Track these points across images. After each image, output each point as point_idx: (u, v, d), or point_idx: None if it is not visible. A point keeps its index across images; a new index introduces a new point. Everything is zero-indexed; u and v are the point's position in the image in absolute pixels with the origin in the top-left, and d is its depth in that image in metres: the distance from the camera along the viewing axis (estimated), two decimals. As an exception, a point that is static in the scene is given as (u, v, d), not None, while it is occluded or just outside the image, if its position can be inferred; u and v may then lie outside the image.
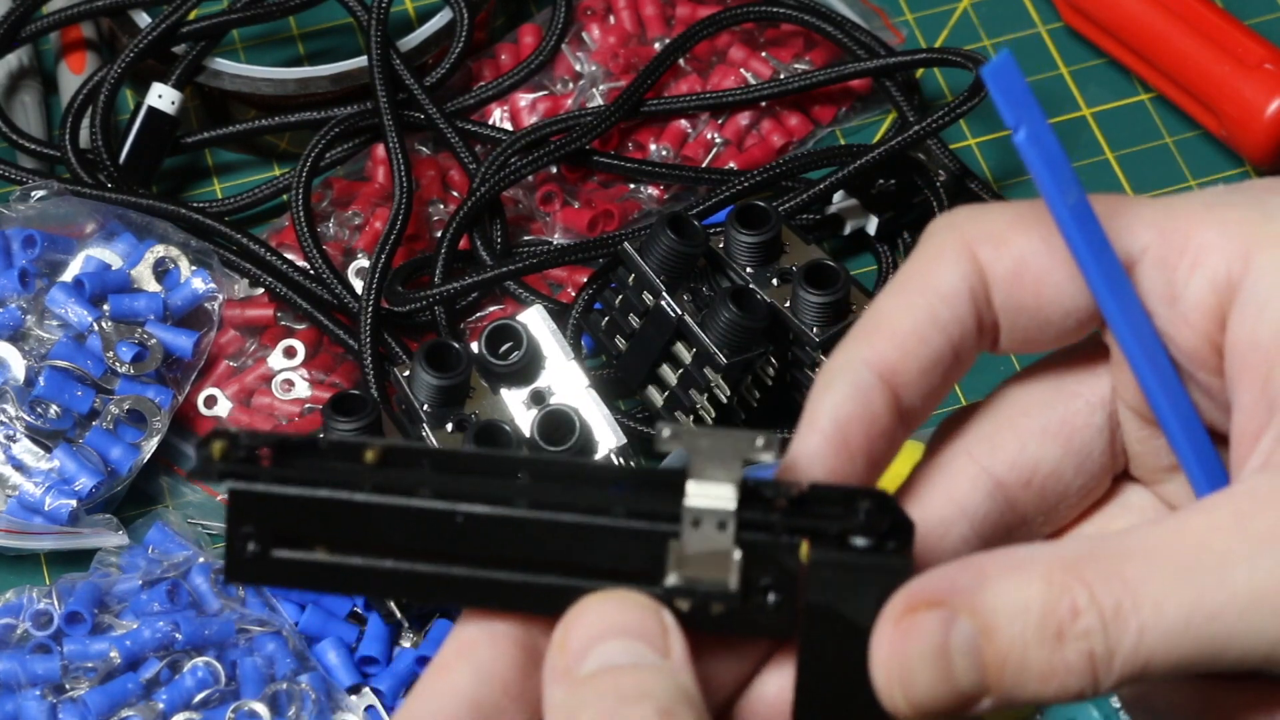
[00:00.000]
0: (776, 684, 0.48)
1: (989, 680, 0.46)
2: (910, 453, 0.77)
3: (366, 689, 0.84)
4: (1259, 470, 0.47)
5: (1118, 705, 0.73)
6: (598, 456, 0.85)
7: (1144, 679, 0.45)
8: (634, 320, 0.88)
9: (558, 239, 0.97)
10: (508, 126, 1.00)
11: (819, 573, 0.47)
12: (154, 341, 0.89)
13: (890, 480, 0.76)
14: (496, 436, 0.83)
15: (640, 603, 0.47)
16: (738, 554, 0.47)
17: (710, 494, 0.47)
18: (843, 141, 1.01)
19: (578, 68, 1.02)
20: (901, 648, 0.46)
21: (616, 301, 0.89)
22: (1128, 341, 0.48)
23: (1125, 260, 0.49)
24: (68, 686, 0.82)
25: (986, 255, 0.49)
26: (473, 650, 0.48)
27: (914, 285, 0.50)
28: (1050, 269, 0.49)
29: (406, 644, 0.85)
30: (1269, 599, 0.44)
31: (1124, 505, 0.52)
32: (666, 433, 0.47)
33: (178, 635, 0.82)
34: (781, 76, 1.01)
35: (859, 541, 0.47)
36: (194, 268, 0.92)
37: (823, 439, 0.49)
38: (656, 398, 0.88)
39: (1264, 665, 0.45)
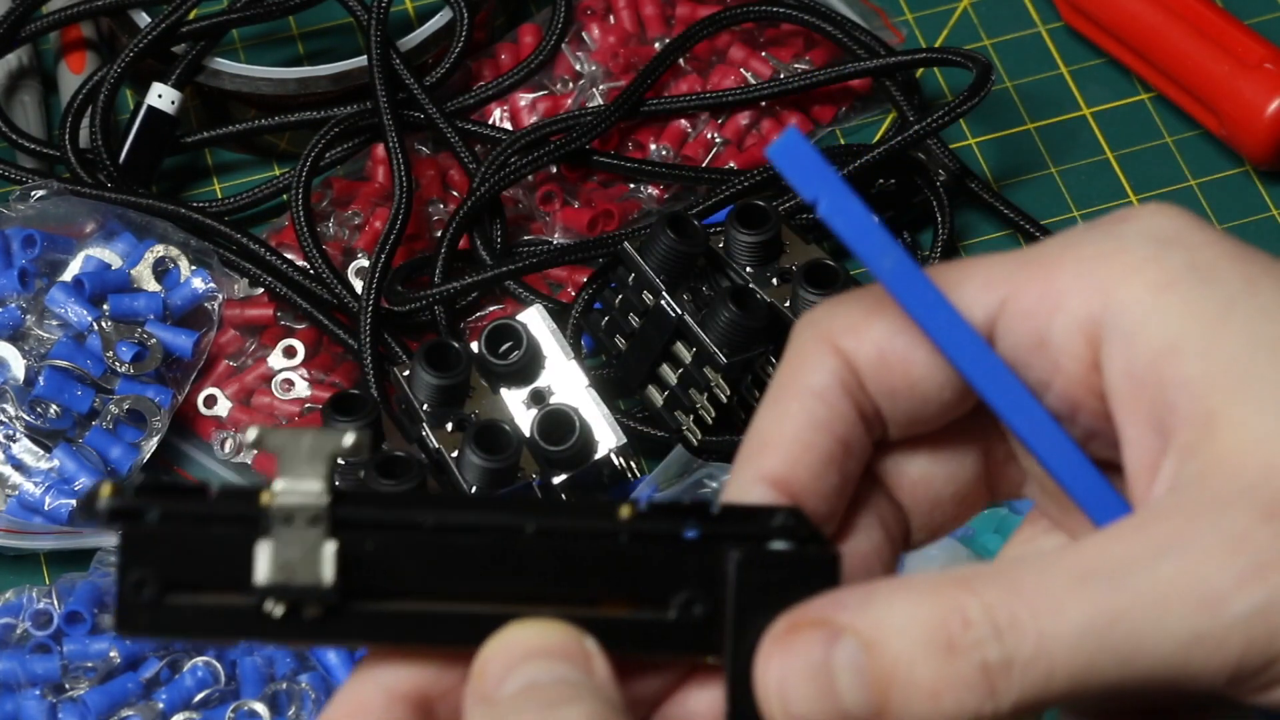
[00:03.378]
0: (706, 700, 0.47)
1: (876, 698, 0.44)
2: None
3: (366, 689, 0.84)
4: (1158, 494, 0.45)
5: None
6: (597, 456, 0.85)
7: (1048, 696, 0.43)
8: (634, 320, 0.88)
9: (558, 239, 0.97)
10: (508, 126, 1.00)
11: (748, 576, 0.46)
12: (154, 341, 0.89)
13: None
14: (496, 436, 0.83)
15: (561, 629, 0.46)
16: (331, 547, 0.46)
17: (299, 490, 0.46)
18: (843, 141, 1.01)
19: (578, 68, 1.02)
20: (781, 664, 0.45)
21: (616, 301, 0.89)
22: (994, 398, 0.47)
23: (985, 320, 0.47)
24: (68, 686, 0.82)
25: (849, 346, 0.48)
26: (365, 713, 0.46)
27: (787, 392, 0.49)
28: (911, 347, 0.48)
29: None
30: (1173, 601, 0.43)
31: (1030, 540, 0.51)
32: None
33: (178, 635, 0.82)
34: (781, 76, 1.01)
35: (780, 545, 0.46)
36: (194, 267, 0.92)
37: None
38: (656, 397, 0.88)
39: (1175, 676, 0.43)
